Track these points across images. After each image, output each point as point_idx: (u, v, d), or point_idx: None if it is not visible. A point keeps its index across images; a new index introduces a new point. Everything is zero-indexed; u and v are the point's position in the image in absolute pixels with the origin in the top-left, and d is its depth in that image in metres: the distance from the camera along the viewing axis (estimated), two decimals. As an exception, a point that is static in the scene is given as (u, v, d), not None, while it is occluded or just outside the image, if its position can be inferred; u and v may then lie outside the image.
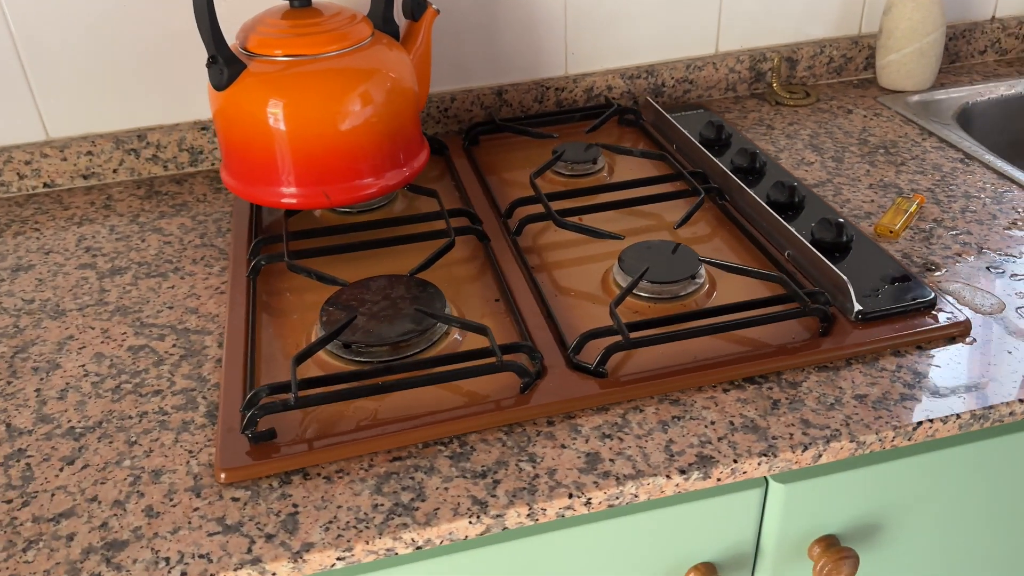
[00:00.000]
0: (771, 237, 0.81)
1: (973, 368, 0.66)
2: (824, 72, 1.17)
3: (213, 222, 0.91)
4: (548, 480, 0.58)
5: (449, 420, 0.62)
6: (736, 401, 0.64)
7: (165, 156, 1.00)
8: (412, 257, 0.81)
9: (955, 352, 0.68)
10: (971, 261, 0.78)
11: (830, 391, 0.64)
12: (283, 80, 0.78)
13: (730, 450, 0.60)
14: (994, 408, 0.63)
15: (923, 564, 0.74)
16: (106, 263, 0.84)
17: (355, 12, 0.83)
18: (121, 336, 0.74)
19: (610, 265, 0.79)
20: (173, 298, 0.78)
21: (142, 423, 0.64)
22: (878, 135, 1.02)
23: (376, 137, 0.81)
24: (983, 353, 0.68)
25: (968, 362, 0.67)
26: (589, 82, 1.09)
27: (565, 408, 0.63)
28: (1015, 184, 0.90)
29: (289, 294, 0.78)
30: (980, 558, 0.76)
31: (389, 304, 0.71)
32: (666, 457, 0.59)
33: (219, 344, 0.72)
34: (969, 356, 0.67)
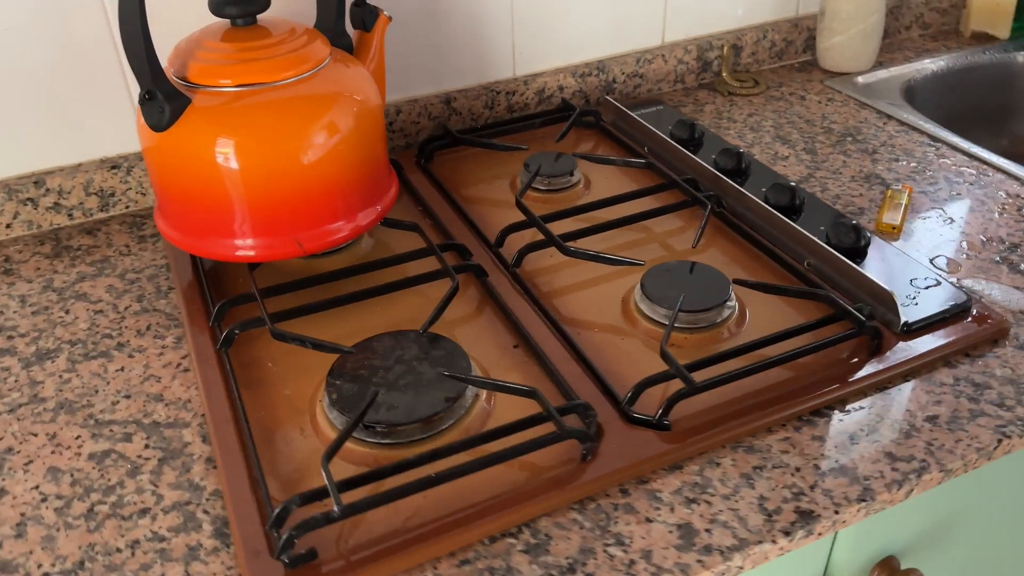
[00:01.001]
0: (782, 245, 0.76)
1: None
2: (767, 57, 1.14)
3: (148, 280, 0.77)
4: (647, 566, 0.51)
5: (512, 506, 0.54)
6: (811, 439, 0.59)
7: (69, 203, 0.85)
8: (406, 305, 0.72)
9: (1003, 356, 0.66)
10: (981, 255, 0.77)
11: (900, 416, 0.61)
12: (237, 114, 0.66)
13: (827, 499, 0.55)
14: (1060, 414, 0.61)
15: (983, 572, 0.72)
16: (27, 346, 0.70)
17: (307, 28, 0.72)
18: (75, 441, 0.60)
19: (627, 290, 0.72)
20: (127, 384, 0.65)
21: (136, 556, 0.52)
22: (839, 122, 1.00)
23: (347, 170, 0.70)
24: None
25: (1018, 364, 0.65)
26: (540, 83, 1.01)
27: (635, 472, 0.56)
28: (988, 165, 0.90)
29: (271, 364, 0.66)
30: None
31: (406, 369, 0.62)
32: (764, 518, 0.53)
33: (203, 438, 0.61)
34: (1016, 358, 0.66)
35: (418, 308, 0.71)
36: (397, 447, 0.58)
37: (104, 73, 0.82)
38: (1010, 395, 0.62)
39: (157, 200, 0.74)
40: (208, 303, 0.71)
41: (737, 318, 0.69)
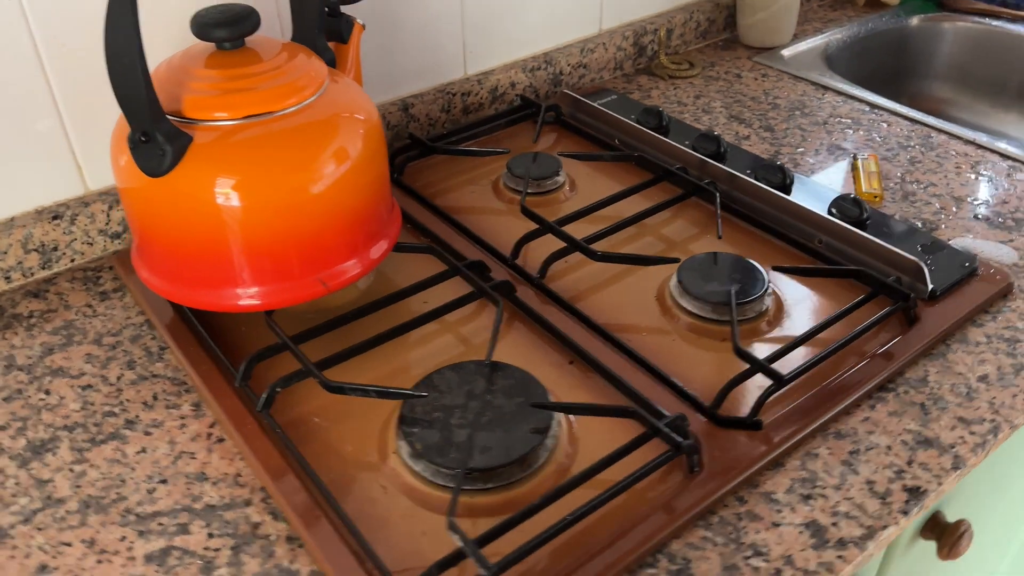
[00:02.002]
0: (788, 226, 0.78)
1: (1040, 321, 0.69)
2: (693, 37, 1.16)
3: (131, 342, 0.68)
4: (794, 571, 0.50)
5: (637, 535, 0.51)
6: (888, 416, 0.60)
7: (6, 264, 0.73)
8: (429, 335, 0.67)
9: (1017, 309, 0.70)
10: (958, 214, 0.82)
11: (956, 380, 0.63)
12: (242, 149, 0.59)
13: (926, 473, 0.56)
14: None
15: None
16: (13, 439, 0.60)
17: (297, 46, 0.65)
18: (121, 544, 0.52)
19: (659, 288, 0.71)
20: (156, 467, 0.57)
21: (252, 667, 0.46)
22: (783, 97, 1.03)
23: (359, 197, 0.64)
24: (1035, 304, 0.71)
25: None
26: (493, 81, 0.98)
27: (744, 477, 0.55)
28: (930, 128, 0.96)
29: (317, 419, 0.60)
30: None
31: (482, 405, 0.58)
32: (880, 502, 0.54)
33: (272, 515, 0.54)
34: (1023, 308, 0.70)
35: (444, 336, 0.67)
36: (497, 491, 0.54)
37: (33, 112, 0.71)
38: (1039, 346, 0.66)
39: (141, 250, 0.65)
40: (221, 360, 0.64)
41: (775, 305, 0.69)
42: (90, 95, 0.73)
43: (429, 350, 0.66)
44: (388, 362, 0.65)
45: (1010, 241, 0.78)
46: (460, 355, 0.65)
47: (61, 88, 0.71)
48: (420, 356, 0.65)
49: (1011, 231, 0.79)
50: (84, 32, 0.70)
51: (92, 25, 0.70)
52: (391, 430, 0.58)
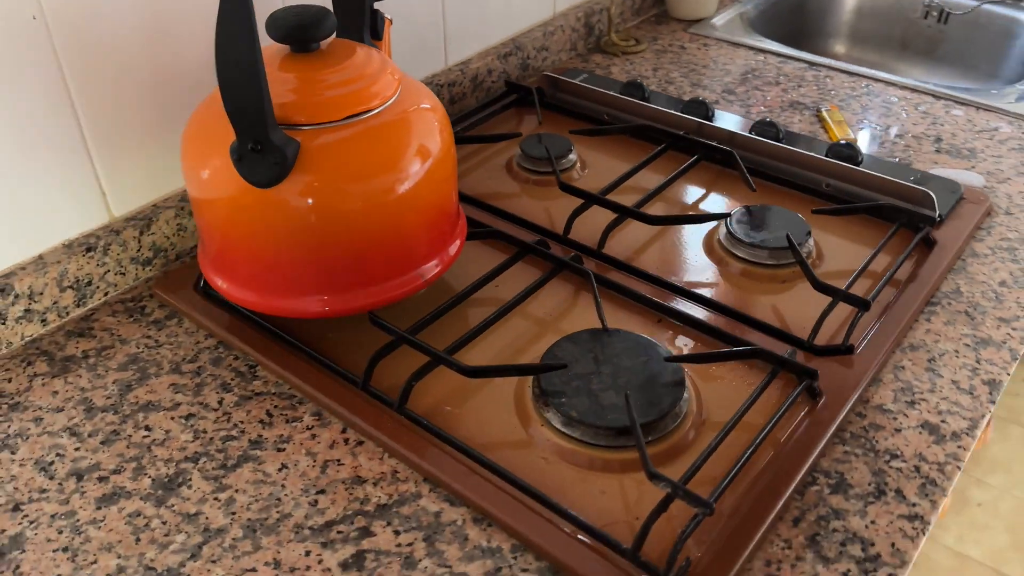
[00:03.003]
0: (795, 175, 0.85)
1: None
2: (629, 14, 1.22)
3: (213, 364, 0.65)
4: (928, 466, 0.57)
5: (795, 461, 0.56)
6: (945, 325, 0.69)
7: (42, 306, 0.68)
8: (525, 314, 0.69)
9: (1003, 222, 0.80)
10: (922, 149, 0.92)
11: (984, 288, 0.72)
12: (344, 152, 0.58)
13: (994, 367, 0.64)
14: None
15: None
16: (136, 480, 0.56)
17: (361, 45, 0.64)
18: (308, 559, 0.51)
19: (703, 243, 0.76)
20: (306, 481, 0.56)
21: (500, 643, 0.47)
22: (731, 63, 1.11)
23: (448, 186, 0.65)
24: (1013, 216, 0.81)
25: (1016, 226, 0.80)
26: (473, 69, 0.99)
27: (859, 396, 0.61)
28: (866, 78, 1.07)
29: (448, 407, 0.61)
30: None
31: (614, 368, 0.60)
32: (969, 396, 0.62)
33: (449, 502, 0.54)
34: (1008, 221, 0.81)
35: (523, 317, 0.69)
36: (653, 444, 0.57)
37: (59, 140, 0.66)
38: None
39: (222, 264, 0.62)
40: (329, 367, 0.63)
41: (816, 248, 0.76)
42: (114, 119, 0.69)
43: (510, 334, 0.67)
44: (482, 349, 0.66)
45: (972, 168, 0.89)
46: (536, 333, 0.67)
47: (86, 114, 0.67)
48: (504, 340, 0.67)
49: (969, 159, 0.90)
50: (108, 55, 0.66)
51: (115, 49, 0.66)
52: (528, 405, 0.60)
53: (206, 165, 0.60)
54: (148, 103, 0.71)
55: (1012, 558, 1.58)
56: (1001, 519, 1.66)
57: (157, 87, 0.71)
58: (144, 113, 0.71)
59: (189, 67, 0.72)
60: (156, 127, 0.72)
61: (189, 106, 0.74)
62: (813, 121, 0.98)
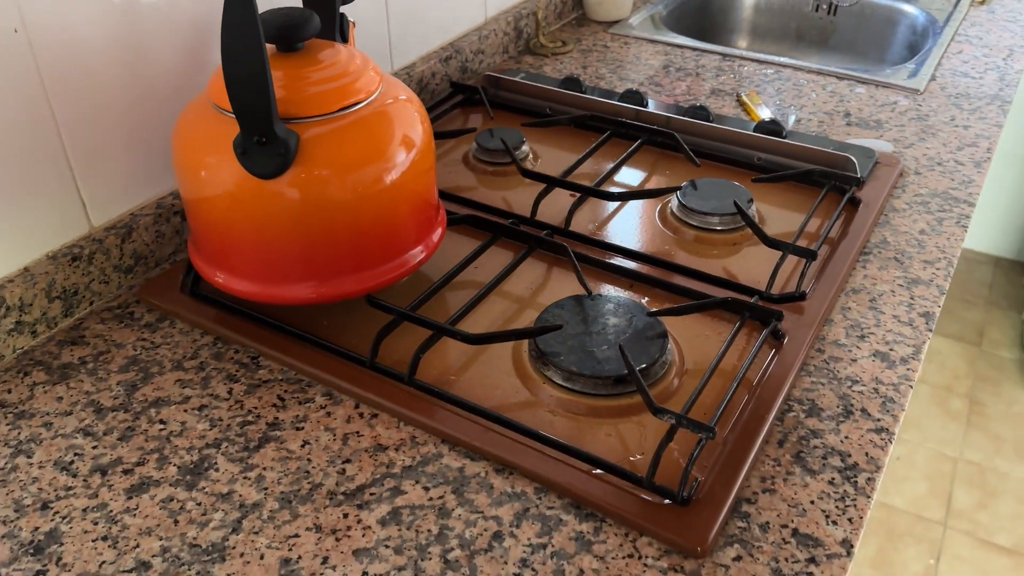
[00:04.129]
0: (728, 152, 0.93)
1: (934, 185, 0.89)
2: (553, 18, 1.29)
3: (216, 359, 0.67)
4: (884, 387, 0.64)
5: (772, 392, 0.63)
6: (879, 270, 0.77)
7: (32, 317, 0.68)
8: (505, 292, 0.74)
9: (915, 181, 0.90)
10: (834, 124, 1.02)
11: (907, 237, 0.81)
12: (336, 143, 0.62)
13: (926, 302, 0.73)
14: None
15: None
16: (161, 468, 0.58)
17: (334, 44, 0.68)
18: (348, 520, 0.54)
19: (656, 215, 0.82)
20: (330, 453, 0.59)
21: (540, 572, 0.51)
22: (653, 58, 1.19)
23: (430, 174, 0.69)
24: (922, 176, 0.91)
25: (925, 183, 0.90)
26: (418, 73, 1.03)
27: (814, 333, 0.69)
28: (775, 64, 1.17)
29: (452, 376, 0.65)
30: None
31: (603, 326, 0.66)
32: (910, 328, 0.70)
33: (470, 458, 0.58)
34: (919, 181, 0.91)
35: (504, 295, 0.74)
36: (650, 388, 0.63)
37: (40, 151, 0.67)
38: (945, 205, 0.87)
39: (216, 256, 0.65)
40: (328, 349, 0.66)
41: (758, 211, 0.84)
42: (93, 130, 0.70)
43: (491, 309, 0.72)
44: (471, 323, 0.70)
45: (880, 136, 0.99)
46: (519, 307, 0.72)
47: (66, 125, 0.68)
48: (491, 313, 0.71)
49: (876, 129, 1.00)
50: (87, 67, 0.67)
51: (94, 61, 0.68)
52: (527, 367, 0.65)
53: (202, 164, 0.62)
54: (126, 113, 0.72)
55: (931, 504, 1.72)
56: (918, 470, 1.80)
57: (135, 97, 0.72)
58: (122, 122, 0.72)
59: (166, 78, 0.74)
60: (134, 137, 0.74)
61: (166, 115, 0.76)
62: (735, 106, 1.06)
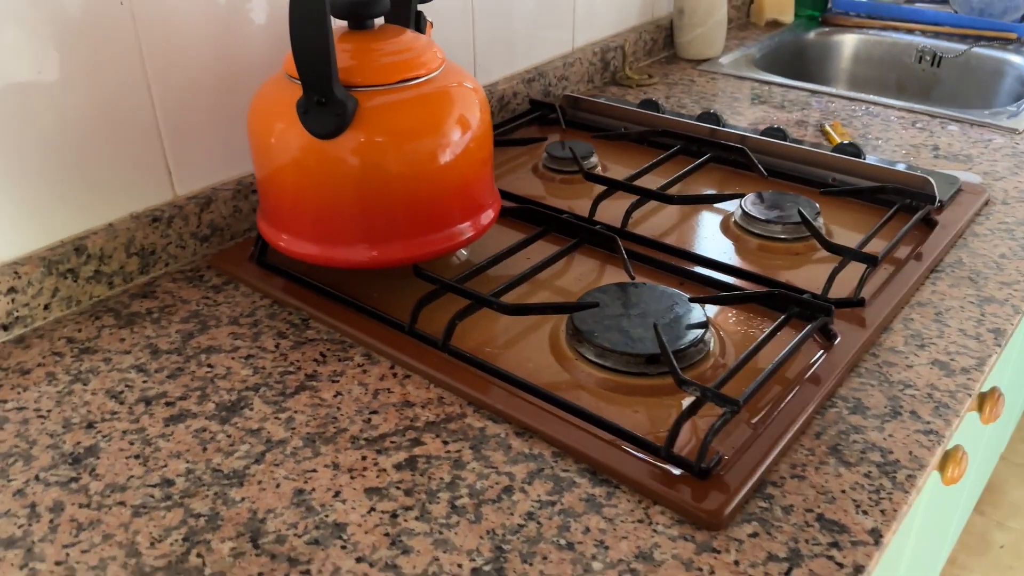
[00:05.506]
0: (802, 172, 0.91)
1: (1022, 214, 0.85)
2: (642, 54, 1.31)
3: (270, 318, 0.70)
4: (939, 393, 0.61)
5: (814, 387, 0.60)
6: (950, 287, 0.73)
7: (110, 269, 0.73)
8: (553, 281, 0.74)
9: (1000, 211, 0.86)
10: (919, 157, 0.98)
11: (984, 259, 0.77)
12: (399, 111, 0.65)
13: (996, 318, 0.69)
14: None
15: None
16: (201, 404, 0.61)
17: (406, 29, 0.72)
18: (365, 462, 0.55)
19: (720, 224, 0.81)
20: (360, 404, 0.60)
21: (545, 525, 0.50)
22: (739, 92, 1.19)
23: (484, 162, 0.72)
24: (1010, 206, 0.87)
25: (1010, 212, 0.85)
26: (500, 91, 1.07)
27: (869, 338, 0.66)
28: (867, 102, 1.15)
29: (488, 348, 0.65)
30: None
31: (642, 310, 0.65)
32: (976, 340, 0.66)
33: (492, 420, 0.58)
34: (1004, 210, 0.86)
35: (551, 284, 0.74)
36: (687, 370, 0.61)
37: (136, 122, 0.73)
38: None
39: (281, 219, 0.68)
40: (377, 315, 0.68)
41: (826, 227, 0.82)
42: (184, 106, 0.76)
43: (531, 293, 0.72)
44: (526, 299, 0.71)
45: (970, 168, 0.95)
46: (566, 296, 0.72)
47: (160, 99, 0.74)
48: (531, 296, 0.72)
49: (966, 162, 0.96)
50: (184, 45, 0.74)
51: (191, 40, 0.74)
52: (562, 342, 0.65)
53: (272, 130, 0.66)
54: (216, 93, 0.78)
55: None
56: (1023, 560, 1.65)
57: (225, 79, 0.78)
58: (212, 102, 0.78)
59: (256, 62, 0.80)
60: (222, 116, 0.79)
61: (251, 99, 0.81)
62: (818, 135, 1.05)
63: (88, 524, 0.51)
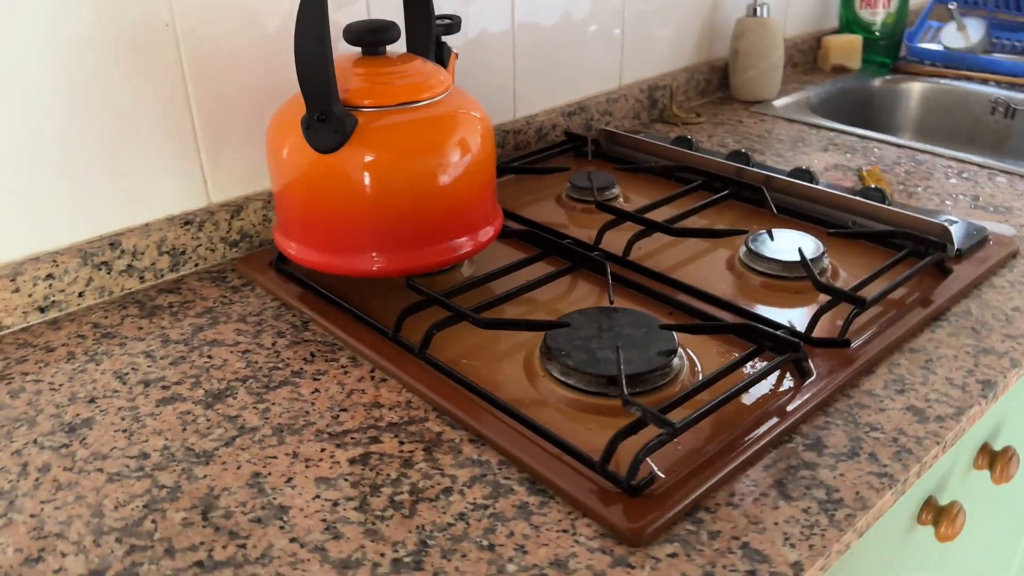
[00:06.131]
0: (821, 214, 0.90)
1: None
2: (694, 94, 1.32)
3: (275, 319, 0.75)
4: (906, 439, 0.60)
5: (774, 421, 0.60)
6: (949, 336, 0.71)
7: (142, 265, 0.80)
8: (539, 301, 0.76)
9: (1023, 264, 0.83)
10: (959, 205, 0.96)
11: (995, 311, 0.75)
12: (397, 131, 0.69)
13: (992, 371, 0.67)
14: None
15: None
16: (192, 389, 0.66)
17: (420, 57, 0.77)
18: (323, 454, 0.59)
19: (726, 259, 0.82)
20: (333, 401, 0.64)
21: (473, 525, 0.52)
22: (784, 133, 1.19)
23: (483, 183, 0.75)
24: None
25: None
26: (538, 123, 1.11)
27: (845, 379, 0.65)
28: (914, 150, 1.12)
29: (465, 360, 0.68)
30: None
31: (614, 334, 0.67)
32: (961, 391, 0.64)
33: (451, 425, 0.61)
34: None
35: (540, 302, 0.76)
36: (640, 396, 0.63)
37: (176, 132, 0.80)
38: (1052, 287, 0.79)
39: (291, 229, 0.73)
40: (367, 322, 0.72)
41: (833, 266, 0.81)
42: (221, 119, 0.83)
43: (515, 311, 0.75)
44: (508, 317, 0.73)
45: (1006, 221, 0.92)
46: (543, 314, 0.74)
47: (199, 112, 0.81)
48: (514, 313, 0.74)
49: (1004, 214, 0.93)
50: (223, 64, 0.81)
51: (230, 60, 0.81)
52: (535, 360, 0.67)
53: (284, 145, 0.72)
54: (252, 109, 0.84)
55: None
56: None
57: (261, 97, 0.85)
58: (248, 117, 0.85)
59: (288, 82, 0.86)
60: (255, 130, 0.86)
61: (284, 117, 0.88)
62: (854, 180, 1.03)
63: (67, 485, 0.56)
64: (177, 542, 0.52)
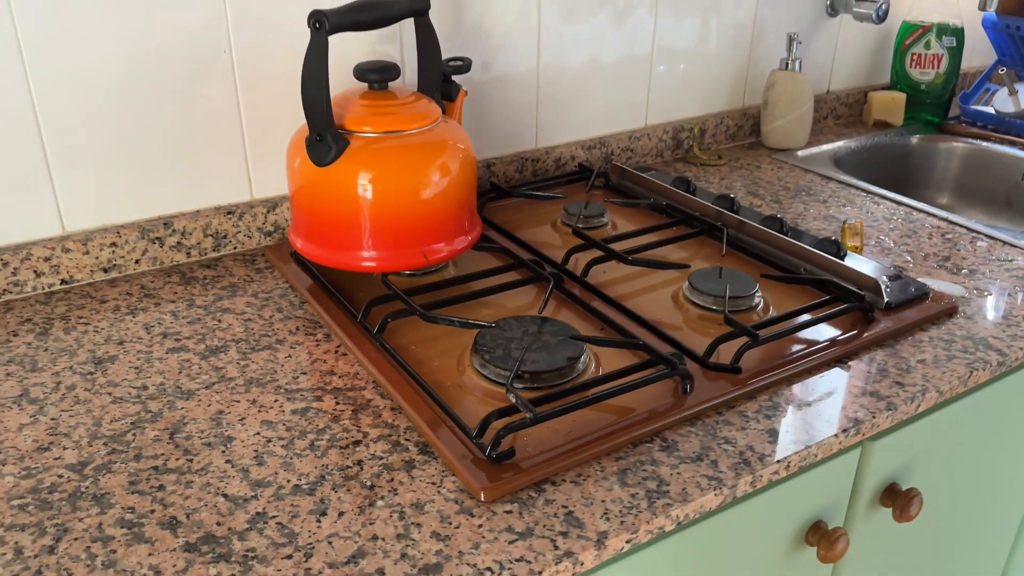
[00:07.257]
0: (780, 259, 0.99)
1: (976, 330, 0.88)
2: (723, 138, 1.42)
3: (279, 297, 0.92)
4: (752, 454, 0.69)
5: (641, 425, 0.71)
6: (846, 379, 0.80)
7: (189, 243, 0.99)
8: (499, 305, 0.89)
9: (958, 323, 0.89)
10: (923, 264, 1.02)
11: (899, 361, 0.82)
12: (382, 154, 0.84)
13: (864, 411, 0.75)
14: (1009, 355, 0.84)
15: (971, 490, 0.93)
16: (196, 344, 0.83)
17: (421, 94, 0.92)
18: (275, 404, 0.74)
19: (675, 290, 0.92)
20: (299, 365, 0.80)
21: (365, 469, 0.66)
22: (793, 182, 1.27)
23: (455, 200, 0.89)
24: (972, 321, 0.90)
25: (970, 328, 0.88)
26: (558, 153, 1.24)
27: (724, 401, 0.75)
28: (912, 208, 1.18)
29: (413, 347, 0.82)
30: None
31: (534, 339, 0.79)
32: (826, 424, 0.73)
33: (381, 395, 0.75)
34: (967, 325, 0.89)
35: (493, 307, 0.89)
36: (539, 390, 0.75)
37: (227, 135, 0.98)
38: (970, 346, 0.85)
39: (299, 227, 0.90)
40: (345, 307, 0.87)
41: (764, 304, 0.90)
42: (266, 132, 1.00)
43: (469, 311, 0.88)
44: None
45: (962, 283, 0.98)
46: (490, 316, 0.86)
47: (248, 125, 0.99)
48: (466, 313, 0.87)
49: (966, 277, 0.99)
50: (271, 86, 0.98)
51: (276, 83, 0.99)
52: (467, 354, 0.80)
53: (296, 157, 0.88)
54: (289, 125, 1.02)
55: None
56: None
57: (296, 116, 1.02)
58: (285, 131, 1.02)
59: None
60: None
61: (321, 133, 1.05)
62: (836, 232, 1.11)
63: (83, 400, 0.74)
64: (145, 451, 0.68)
